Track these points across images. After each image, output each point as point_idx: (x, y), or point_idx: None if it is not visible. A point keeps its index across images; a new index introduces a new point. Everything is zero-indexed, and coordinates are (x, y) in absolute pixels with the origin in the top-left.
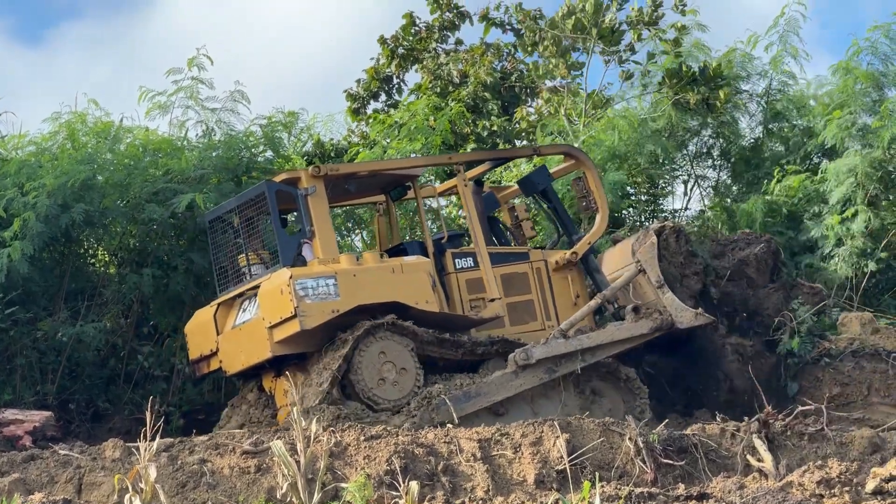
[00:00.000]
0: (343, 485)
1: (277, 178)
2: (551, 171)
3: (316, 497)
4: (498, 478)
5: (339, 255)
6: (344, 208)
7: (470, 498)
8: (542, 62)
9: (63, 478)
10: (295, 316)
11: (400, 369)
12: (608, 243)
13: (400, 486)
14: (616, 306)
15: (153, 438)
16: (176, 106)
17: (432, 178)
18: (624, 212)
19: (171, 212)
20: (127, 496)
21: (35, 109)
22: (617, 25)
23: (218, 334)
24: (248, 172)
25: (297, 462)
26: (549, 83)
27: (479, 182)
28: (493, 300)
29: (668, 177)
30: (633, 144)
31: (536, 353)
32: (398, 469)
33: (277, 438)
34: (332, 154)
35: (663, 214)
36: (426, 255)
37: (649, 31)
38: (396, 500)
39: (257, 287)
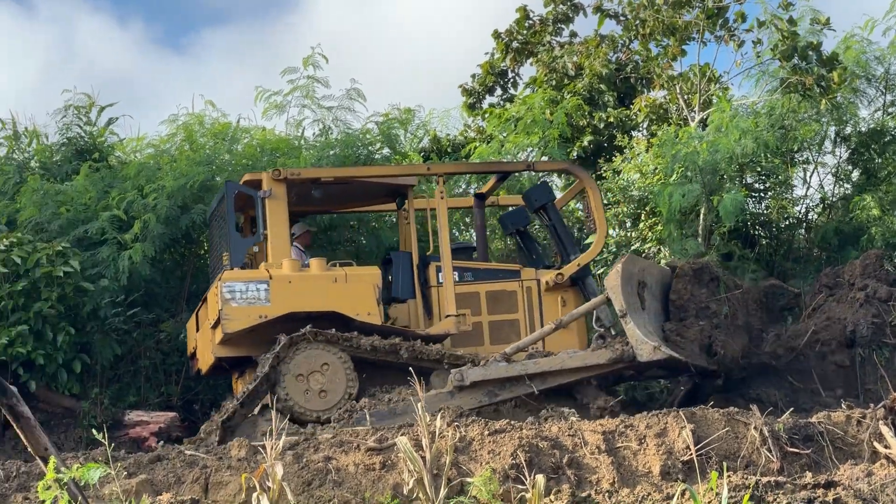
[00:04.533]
0: (469, 479)
1: (242, 180)
2: (562, 193)
3: (442, 492)
4: (623, 469)
5: (284, 261)
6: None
7: (596, 490)
8: (653, 45)
9: (190, 478)
10: (220, 319)
11: (328, 382)
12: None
13: (526, 479)
14: (614, 332)
15: (279, 437)
16: (292, 105)
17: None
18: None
19: None
20: (255, 495)
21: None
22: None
23: (197, 332)
24: None
25: (423, 458)
26: (664, 71)
27: (480, 196)
28: (448, 316)
29: (785, 166)
30: (752, 146)
31: (471, 375)
32: (523, 463)
33: (402, 435)
34: (449, 150)
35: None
36: (411, 267)
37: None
38: (522, 493)
39: None
